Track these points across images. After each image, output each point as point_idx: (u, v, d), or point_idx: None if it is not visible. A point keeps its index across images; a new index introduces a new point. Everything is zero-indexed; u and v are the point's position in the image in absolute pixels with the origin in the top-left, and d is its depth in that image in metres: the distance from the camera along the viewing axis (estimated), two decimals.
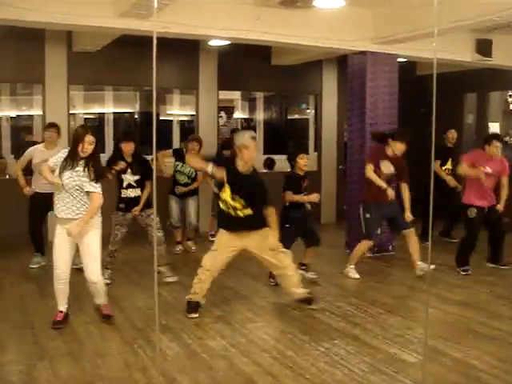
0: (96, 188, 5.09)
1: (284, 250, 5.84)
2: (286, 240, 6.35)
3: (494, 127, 11.79)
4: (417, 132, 7.69)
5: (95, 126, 11.27)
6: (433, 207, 3.61)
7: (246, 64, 10.39)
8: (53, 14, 6.34)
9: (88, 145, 5.06)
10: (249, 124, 13.43)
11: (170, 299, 6.28)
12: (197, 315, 5.68)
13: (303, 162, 6.77)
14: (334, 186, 11.67)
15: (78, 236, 5.12)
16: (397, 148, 7.02)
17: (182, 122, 11.30)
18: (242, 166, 5.59)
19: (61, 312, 5.37)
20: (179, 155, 8.48)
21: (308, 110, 12.78)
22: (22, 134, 10.36)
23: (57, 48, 9.22)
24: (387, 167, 7.11)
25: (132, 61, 9.24)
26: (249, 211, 5.58)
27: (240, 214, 5.59)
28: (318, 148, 11.86)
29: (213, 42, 9.21)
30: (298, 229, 6.86)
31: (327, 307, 6.03)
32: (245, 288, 6.85)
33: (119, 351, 4.85)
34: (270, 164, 11.32)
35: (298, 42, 7.98)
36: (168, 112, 11.43)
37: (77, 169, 5.07)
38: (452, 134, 9.47)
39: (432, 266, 6.80)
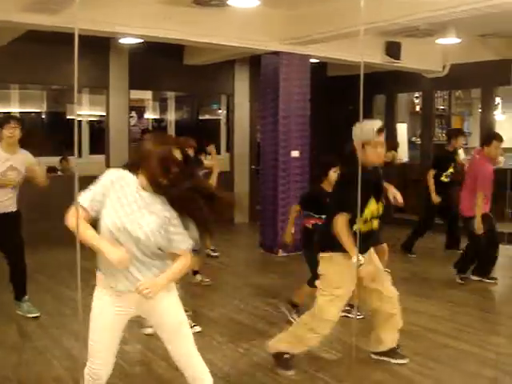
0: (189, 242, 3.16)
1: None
2: None
3: (402, 128, 12.16)
4: (328, 130, 7.78)
5: None
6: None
7: (157, 63, 10.22)
8: None
9: (175, 168, 2.97)
10: (160, 124, 13.26)
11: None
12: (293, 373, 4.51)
13: None
14: (247, 185, 11.68)
15: (149, 304, 3.16)
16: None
17: (91, 123, 11.02)
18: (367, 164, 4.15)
19: None
20: None
21: (220, 111, 12.76)
22: None
23: None
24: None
25: (39, 58, 8.92)
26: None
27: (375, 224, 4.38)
28: (230, 148, 11.87)
29: (124, 40, 8.99)
30: None
31: (244, 308, 6.00)
32: None
33: (32, 361, 4.64)
34: None
35: (211, 41, 7.93)
36: (78, 112, 11.11)
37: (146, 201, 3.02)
38: (461, 141, 8.53)
39: None
